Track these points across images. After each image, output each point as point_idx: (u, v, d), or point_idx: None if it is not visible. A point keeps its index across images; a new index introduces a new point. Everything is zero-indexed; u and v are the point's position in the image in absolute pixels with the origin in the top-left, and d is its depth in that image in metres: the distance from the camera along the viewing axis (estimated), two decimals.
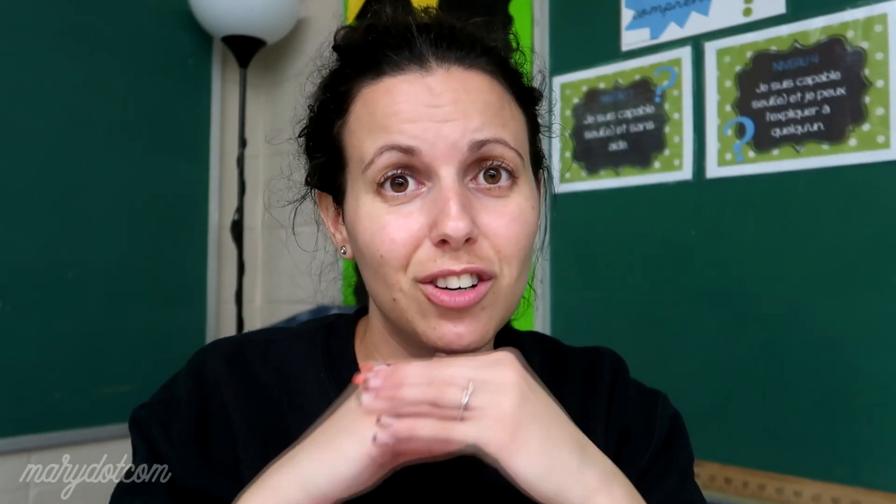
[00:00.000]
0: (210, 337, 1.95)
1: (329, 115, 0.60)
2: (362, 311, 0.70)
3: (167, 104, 1.90)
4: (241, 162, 1.96)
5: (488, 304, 0.55)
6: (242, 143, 1.96)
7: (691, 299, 1.27)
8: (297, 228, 0.70)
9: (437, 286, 0.54)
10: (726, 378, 1.21)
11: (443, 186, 0.53)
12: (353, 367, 0.63)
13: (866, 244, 1.09)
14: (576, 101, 1.45)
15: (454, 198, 0.52)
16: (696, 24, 1.28)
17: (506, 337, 0.68)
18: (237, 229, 1.95)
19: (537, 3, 1.52)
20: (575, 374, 0.69)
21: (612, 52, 1.40)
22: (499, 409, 0.46)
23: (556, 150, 1.48)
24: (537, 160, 0.65)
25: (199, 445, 0.60)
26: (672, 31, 1.32)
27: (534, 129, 0.64)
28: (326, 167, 0.61)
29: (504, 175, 0.56)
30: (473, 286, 0.54)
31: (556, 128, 1.49)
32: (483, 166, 0.55)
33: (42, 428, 1.64)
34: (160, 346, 1.83)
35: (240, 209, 1.95)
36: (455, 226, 0.51)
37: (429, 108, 0.54)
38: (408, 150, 0.53)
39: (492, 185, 0.56)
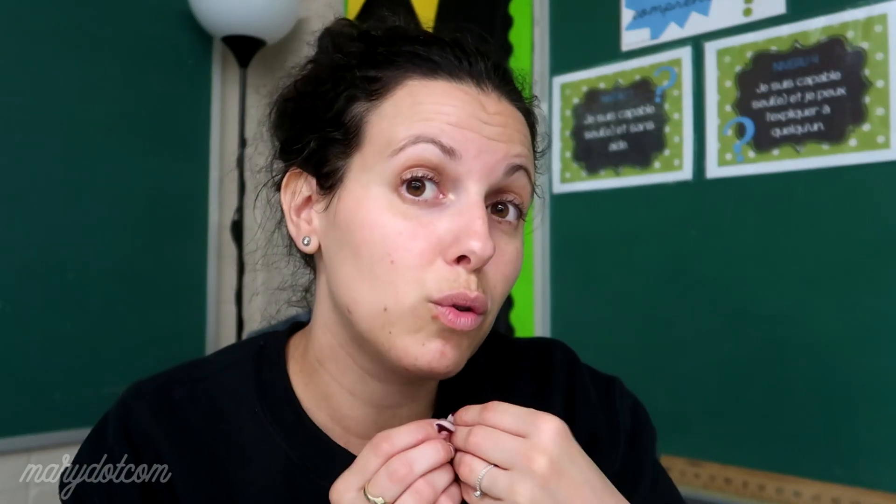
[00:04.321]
0: (210, 337, 1.95)
1: (352, 92, 0.55)
2: (296, 326, 0.65)
3: (167, 104, 1.90)
4: (241, 162, 1.96)
5: (474, 336, 0.53)
6: (242, 143, 1.96)
7: (691, 299, 1.27)
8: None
9: (445, 305, 0.51)
10: (726, 378, 1.21)
11: (471, 202, 0.51)
12: (289, 396, 0.59)
13: (866, 244, 1.09)
14: (576, 101, 1.45)
15: (482, 217, 0.50)
16: (696, 24, 1.28)
17: None
18: (237, 229, 1.95)
19: (537, 3, 1.52)
20: (523, 372, 0.66)
21: (612, 52, 1.40)
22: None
23: (557, 150, 1.48)
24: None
25: None
26: (672, 31, 1.32)
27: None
28: (326, 144, 0.56)
29: (513, 212, 0.54)
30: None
31: (556, 128, 1.49)
32: (500, 198, 0.54)
33: (42, 428, 1.63)
34: (160, 346, 1.82)
35: (240, 209, 1.95)
36: (484, 245, 0.49)
37: (480, 122, 0.52)
38: (448, 151, 0.50)
39: (501, 220, 0.54)
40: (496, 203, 0.54)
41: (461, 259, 0.50)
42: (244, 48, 1.89)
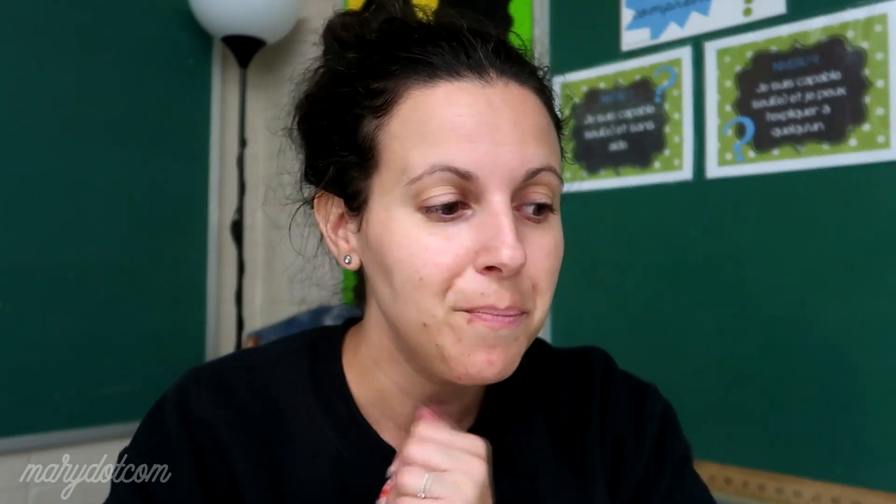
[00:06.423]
0: (210, 337, 1.95)
1: (358, 111, 0.54)
2: (350, 322, 0.65)
3: (167, 104, 1.90)
4: (241, 162, 1.96)
5: (521, 334, 0.53)
6: (242, 143, 1.96)
7: (691, 299, 1.26)
8: (294, 229, 0.67)
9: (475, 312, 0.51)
10: (726, 378, 1.21)
11: (495, 211, 0.50)
12: (343, 391, 0.60)
13: (866, 244, 1.09)
14: (576, 101, 1.45)
15: (509, 224, 0.49)
16: (696, 24, 1.28)
17: None
18: (237, 229, 1.95)
19: (537, 3, 1.52)
20: (565, 383, 0.67)
21: (612, 52, 1.40)
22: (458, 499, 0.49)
23: None
24: None
25: (202, 496, 0.57)
26: (672, 31, 1.32)
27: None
28: (344, 167, 0.55)
29: (543, 206, 0.53)
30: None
31: None
32: (529, 193, 0.52)
33: (42, 428, 1.63)
34: (160, 346, 1.82)
35: (240, 209, 1.95)
36: (513, 255, 0.48)
37: (489, 127, 0.50)
38: (465, 176, 0.49)
39: (531, 216, 0.53)
40: (523, 202, 0.53)
41: (492, 268, 0.50)
42: (244, 48, 1.89)
